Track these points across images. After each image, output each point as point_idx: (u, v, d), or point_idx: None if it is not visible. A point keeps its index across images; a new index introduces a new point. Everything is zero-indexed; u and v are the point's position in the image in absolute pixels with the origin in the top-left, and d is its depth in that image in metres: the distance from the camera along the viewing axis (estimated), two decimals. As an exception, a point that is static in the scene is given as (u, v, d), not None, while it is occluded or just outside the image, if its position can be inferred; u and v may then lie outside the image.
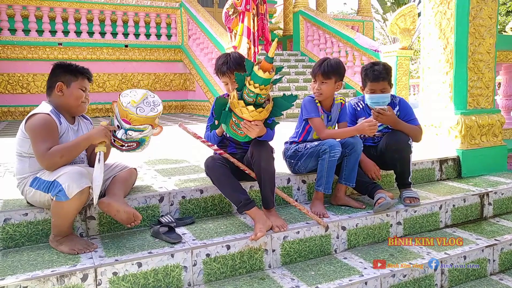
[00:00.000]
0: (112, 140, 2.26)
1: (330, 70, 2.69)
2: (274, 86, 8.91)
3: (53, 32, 9.40)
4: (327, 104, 2.83)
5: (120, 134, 2.22)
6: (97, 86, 9.70)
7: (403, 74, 8.07)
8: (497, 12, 3.85)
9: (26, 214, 2.18)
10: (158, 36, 10.46)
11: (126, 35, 10.07)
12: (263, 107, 2.23)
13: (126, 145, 2.28)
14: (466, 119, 3.68)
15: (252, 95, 2.17)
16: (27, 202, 2.25)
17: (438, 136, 3.87)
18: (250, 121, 2.23)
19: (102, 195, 2.35)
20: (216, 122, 2.36)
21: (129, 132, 2.22)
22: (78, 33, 9.60)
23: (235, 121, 2.27)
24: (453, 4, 3.70)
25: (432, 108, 3.95)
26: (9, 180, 2.87)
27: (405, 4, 23.24)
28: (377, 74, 2.83)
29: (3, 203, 2.29)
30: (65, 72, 2.29)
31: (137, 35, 10.16)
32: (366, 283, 2.17)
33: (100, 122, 2.27)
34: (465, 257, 2.54)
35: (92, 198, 2.11)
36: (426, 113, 3.99)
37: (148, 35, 10.36)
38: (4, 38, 8.85)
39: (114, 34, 9.96)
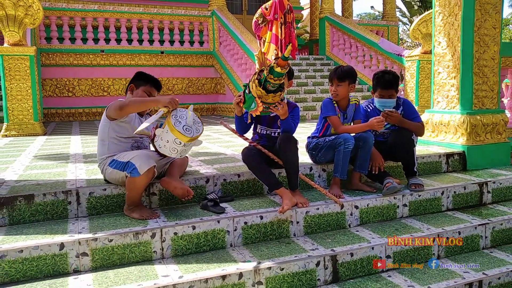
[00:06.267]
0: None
1: (344, 75, 3.25)
2: (300, 88, 9.48)
3: (96, 40, 10.24)
4: (343, 104, 3.36)
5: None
6: (136, 89, 10.45)
7: (425, 77, 8.41)
8: (501, 23, 4.28)
9: (105, 189, 2.81)
10: (191, 43, 11.18)
11: (162, 42, 10.83)
12: (280, 91, 2.84)
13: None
14: (471, 118, 4.13)
15: (276, 84, 2.76)
16: (105, 180, 2.89)
17: (447, 133, 4.33)
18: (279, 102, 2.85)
19: (162, 175, 2.96)
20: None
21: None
22: (118, 40, 10.42)
23: (266, 107, 2.86)
24: (460, 16, 4.16)
25: (442, 108, 4.41)
26: (83, 168, 3.53)
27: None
28: (388, 83, 3.35)
29: (86, 182, 2.93)
30: (139, 78, 2.99)
31: (172, 42, 10.91)
32: (373, 248, 2.70)
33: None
34: (459, 232, 3.02)
35: (156, 176, 2.76)
36: (436, 112, 4.45)
37: (182, 42, 11.09)
38: (54, 47, 9.74)
39: (151, 41, 10.73)
